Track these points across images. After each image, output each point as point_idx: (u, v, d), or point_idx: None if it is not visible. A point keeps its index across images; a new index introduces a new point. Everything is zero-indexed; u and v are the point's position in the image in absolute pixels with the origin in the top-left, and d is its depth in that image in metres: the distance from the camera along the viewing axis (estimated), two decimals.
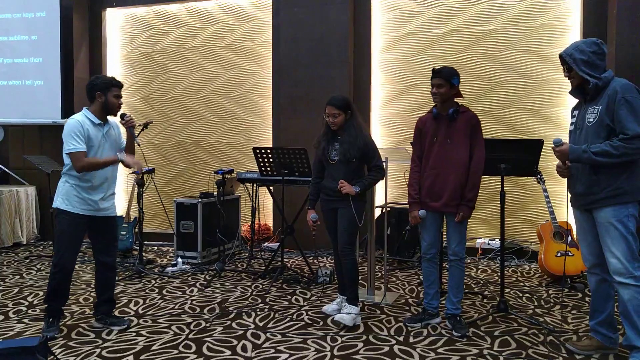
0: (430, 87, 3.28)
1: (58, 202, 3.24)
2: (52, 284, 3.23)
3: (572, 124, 2.92)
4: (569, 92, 2.91)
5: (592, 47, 2.69)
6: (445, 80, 3.20)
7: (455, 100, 3.30)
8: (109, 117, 3.38)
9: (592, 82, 2.68)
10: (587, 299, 3.95)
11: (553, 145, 2.80)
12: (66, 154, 3.18)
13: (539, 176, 4.38)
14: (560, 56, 2.80)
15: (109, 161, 3.25)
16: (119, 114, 3.40)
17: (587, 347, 2.89)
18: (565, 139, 5.47)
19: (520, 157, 3.67)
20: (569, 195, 2.94)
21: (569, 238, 4.46)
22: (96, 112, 3.29)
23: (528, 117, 5.49)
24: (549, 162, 5.36)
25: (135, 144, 3.48)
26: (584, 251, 2.89)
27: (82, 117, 3.25)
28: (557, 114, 5.41)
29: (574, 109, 2.96)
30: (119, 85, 3.35)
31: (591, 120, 2.72)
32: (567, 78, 2.81)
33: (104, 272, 3.38)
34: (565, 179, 2.95)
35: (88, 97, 3.32)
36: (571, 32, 5.34)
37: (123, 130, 3.48)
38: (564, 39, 5.36)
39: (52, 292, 3.24)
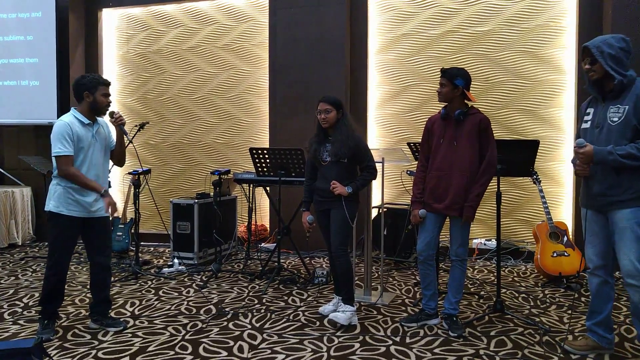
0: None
1: (51, 206, 3.20)
2: (47, 287, 3.22)
3: (586, 121, 2.81)
4: (584, 87, 2.83)
5: (620, 43, 2.62)
6: (448, 80, 3.19)
7: (466, 102, 3.28)
8: (100, 116, 3.34)
9: (617, 79, 2.61)
10: (583, 299, 3.97)
11: (576, 147, 2.68)
12: (53, 156, 3.14)
13: (535, 177, 4.39)
14: (586, 47, 2.70)
15: (94, 187, 3.17)
16: (107, 112, 3.34)
17: (583, 347, 2.90)
18: (565, 137, 5.45)
19: (517, 157, 3.68)
20: (582, 195, 2.85)
21: (565, 238, 4.47)
22: (85, 111, 3.24)
23: (524, 117, 5.51)
24: (545, 162, 5.39)
25: (126, 141, 3.43)
26: (589, 252, 2.83)
27: (70, 118, 3.20)
28: (553, 114, 5.43)
29: (586, 105, 2.86)
30: (107, 83, 3.28)
31: (615, 119, 2.63)
32: (586, 71, 2.71)
33: (99, 272, 3.36)
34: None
35: (76, 96, 3.26)
36: (567, 32, 5.36)
37: (112, 129, 3.44)
38: (560, 40, 5.38)
39: (47, 295, 3.22)
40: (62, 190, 3.18)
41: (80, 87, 3.22)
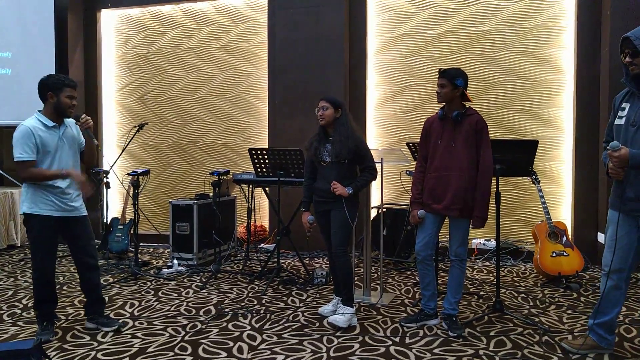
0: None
1: (25, 207, 3.14)
2: (36, 290, 3.20)
3: (620, 117, 2.63)
4: (622, 81, 2.65)
5: None
6: (449, 80, 3.19)
7: (463, 102, 3.28)
8: (66, 118, 3.24)
9: None
10: (582, 298, 3.97)
11: (610, 150, 2.52)
12: (15, 161, 3.07)
13: (534, 177, 4.39)
14: (626, 38, 2.49)
15: (53, 174, 3.09)
16: (71, 114, 3.24)
17: (582, 347, 2.88)
18: (564, 137, 5.43)
19: (516, 157, 3.68)
20: (613, 197, 2.72)
21: (564, 238, 4.47)
22: (48, 113, 3.14)
23: (523, 117, 5.51)
24: (544, 162, 5.40)
25: (94, 145, 3.35)
26: (608, 255, 2.71)
27: (33, 122, 3.11)
28: (552, 114, 5.44)
29: (621, 99, 2.69)
30: (72, 85, 3.17)
31: None
32: (626, 64, 2.51)
33: (86, 272, 3.32)
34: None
35: (40, 97, 3.16)
36: (565, 32, 5.36)
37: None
38: (559, 40, 5.39)
39: (39, 298, 3.21)
40: (33, 190, 3.13)
41: (44, 87, 3.13)
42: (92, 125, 3.28)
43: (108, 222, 5.68)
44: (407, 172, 4.90)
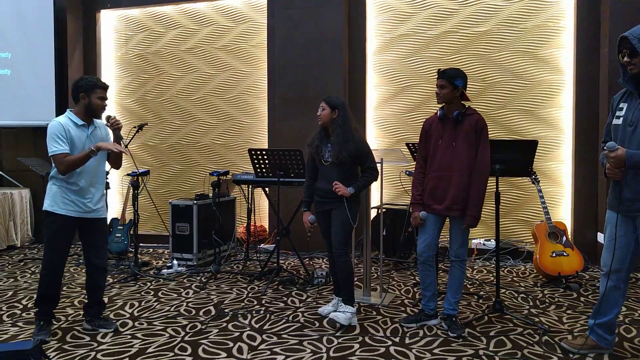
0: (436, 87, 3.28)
1: (47, 204, 3.21)
2: (41, 287, 3.21)
3: (617, 116, 2.63)
4: (619, 81, 2.63)
5: None
6: (448, 81, 3.18)
7: (463, 102, 3.28)
8: (96, 119, 3.34)
9: None
10: (582, 298, 3.97)
11: (606, 151, 2.52)
12: (50, 156, 3.15)
13: (533, 177, 4.39)
14: (624, 38, 2.47)
15: (85, 155, 3.13)
16: (104, 115, 3.36)
17: (582, 347, 2.88)
18: (564, 137, 5.44)
19: (515, 157, 3.68)
20: (611, 197, 2.72)
21: (564, 238, 4.48)
22: (80, 113, 3.25)
23: (522, 117, 5.51)
24: (543, 162, 5.40)
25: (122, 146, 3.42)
26: (606, 255, 2.72)
27: (64, 119, 3.21)
28: (551, 114, 5.44)
29: (619, 99, 2.68)
30: (104, 87, 3.28)
31: None
32: (624, 64, 2.50)
33: (94, 274, 3.35)
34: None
35: (72, 98, 3.27)
36: (565, 33, 5.36)
37: (111, 132, 3.43)
38: (558, 40, 5.39)
39: (42, 296, 3.22)
40: (56, 189, 3.20)
41: (78, 88, 3.24)
42: (122, 126, 3.38)
43: (107, 223, 5.66)
44: (407, 172, 4.90)
